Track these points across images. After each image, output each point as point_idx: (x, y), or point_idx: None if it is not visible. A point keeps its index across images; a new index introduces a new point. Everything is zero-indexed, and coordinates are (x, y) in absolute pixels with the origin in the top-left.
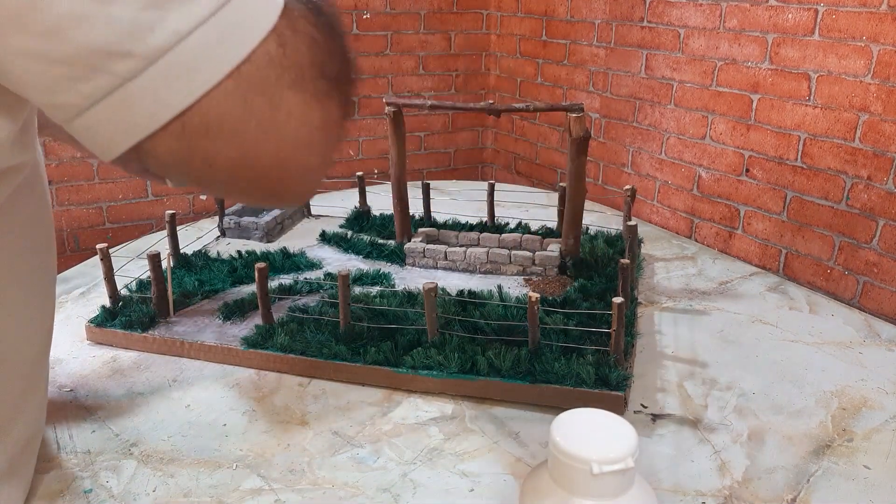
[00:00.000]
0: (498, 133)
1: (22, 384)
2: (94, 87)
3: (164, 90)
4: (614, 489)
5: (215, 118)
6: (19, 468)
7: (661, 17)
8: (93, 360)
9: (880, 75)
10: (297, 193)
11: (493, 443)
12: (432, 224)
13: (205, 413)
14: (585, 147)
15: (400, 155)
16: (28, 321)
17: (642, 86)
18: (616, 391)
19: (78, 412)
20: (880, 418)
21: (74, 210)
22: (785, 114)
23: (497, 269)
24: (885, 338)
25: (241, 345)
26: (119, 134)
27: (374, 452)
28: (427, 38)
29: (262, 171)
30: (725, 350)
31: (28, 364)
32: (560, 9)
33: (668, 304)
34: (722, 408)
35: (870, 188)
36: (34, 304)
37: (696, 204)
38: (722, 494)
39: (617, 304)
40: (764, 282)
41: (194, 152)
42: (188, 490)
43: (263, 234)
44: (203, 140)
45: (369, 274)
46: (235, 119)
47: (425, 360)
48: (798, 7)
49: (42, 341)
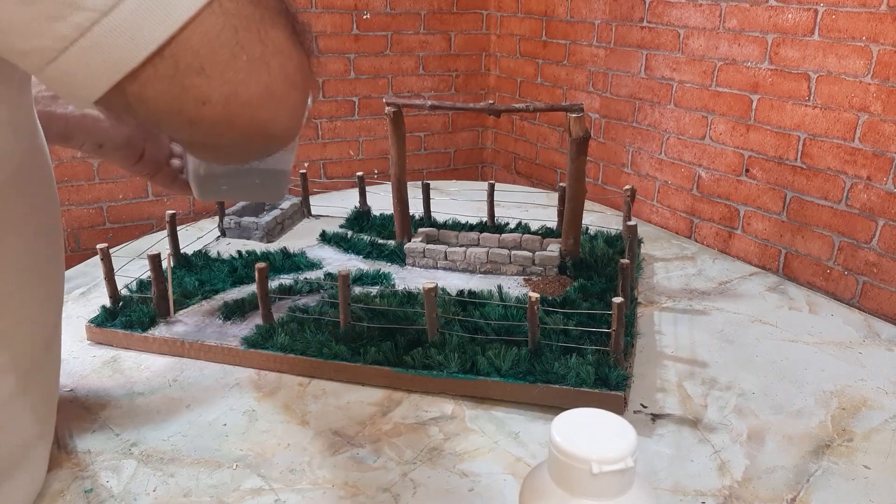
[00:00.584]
0: (498, 133)
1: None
2: (70, 27)
3: (141, 24)
4: (614, 489)
5: (208, 54)
6: (26, 461)
7: (660, 18)
8: (93, 360)
9: (880, 75)
10: (286, 131)
11: (493, 443)
12: (432, 224)
13: (205, 413)
14: (585, 147)
15: (400, 155)
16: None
17: (642, 86)
18: (616, 391)
19: (78, 412)
20: (880, 418)
21: (74, 210)
22: (785, 114)
23: (497, 269)
24: (884, 338)
25: (242, 345)
26: (97, 76)
27: (374, 452)
28: (427, 39)
29: (254, 107)
30: (725, 350)
31: (32, 354)
32: (560, 9)
33: (667, 304)
34: (722, 408)
35: (869, 188)
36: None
37: (696, 204)
38: (722, 494)
39: (617, 304)
40: (764, 282)
41: (187, 92)
42: (188, 490)
43: (263, 234)
44: (197, 78)
45: (369, 274)
46: (228, 54)
47: (425, 360)
48: (798, 7)
49: (48, 330)
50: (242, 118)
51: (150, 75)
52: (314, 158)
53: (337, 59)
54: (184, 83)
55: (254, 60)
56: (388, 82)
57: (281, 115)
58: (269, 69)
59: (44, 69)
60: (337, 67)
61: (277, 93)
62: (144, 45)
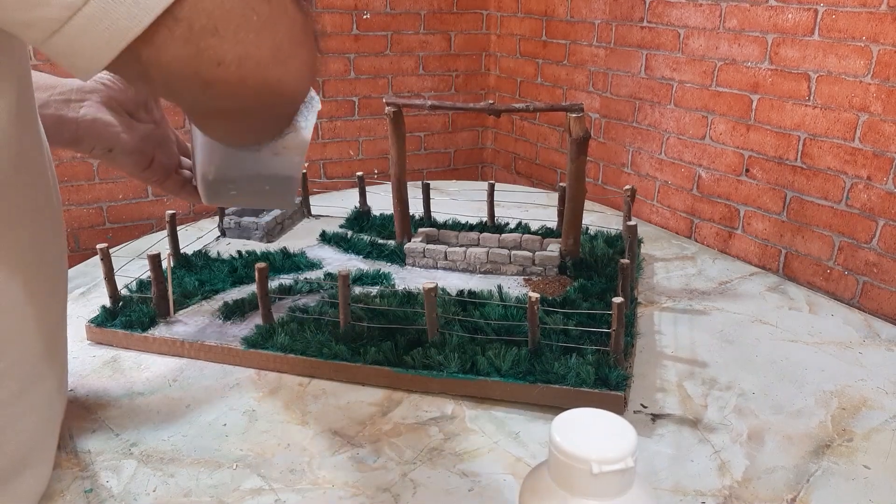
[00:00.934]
0: (498, 133)
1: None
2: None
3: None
4: (614, 489)
5: (221, 15)
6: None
7: (660, 18)
8: (93, 360)
9: (880, 75)
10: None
11: (493, 443)
12: (432, 224)
13: (205, 413)
14: (585, 147)
15: (400, 155)
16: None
17: (642, 86)
18: (616, 391)
19: (78, 412)
20: (880, 418)
21: (74, 210)
22: (785, 114)
23: (497, 269)
24: (884, 338)
25: (242, 345)
26: (103, 44)
27: (374, 452)
28: (427, 39)
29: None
30: (725, 350)
31: (36, 352)
32: (560, 9)
33: (667, 304)
34: (722, 408)
35: (870, 188)
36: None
37: (696, 204)
38: (722, 494)
39: (617, 304)
40: (764, 282)
41: (202, 54)
42: (188, 490)
43: (263, 234)
44: (212, 38)
45: (369, 274)
46: (240, 15)
47: (425, 360)
48: (798, 7)
49: (52, 327)
50: (255, 78)
51: (167, 38)
52: (314, 158)
53: (337, 59)
54: (199, 45)
55: (263, 21)
56: (388, 82)
57: (290, 73)
58: (277, 29)
59: (48, 40)
60: (337, 67)
61: (285, 52)
62: (150, 10)
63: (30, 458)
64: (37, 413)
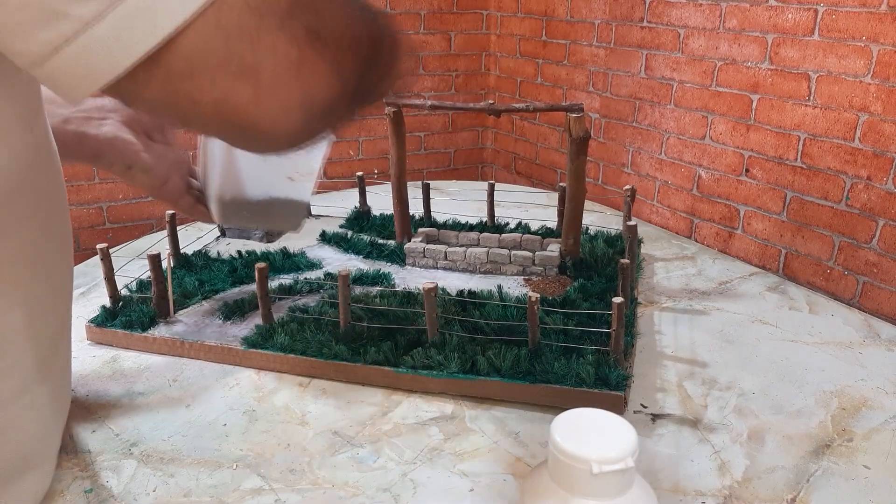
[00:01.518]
0: (498, 133)
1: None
2: (56, 34)
3: (124, 35)
4: (614, 489)
5: (199, 61)
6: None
7: (660, 18)
8: (93, 360)
9: (880, 75)
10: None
11: (493, 443)
12: (432, 224)
13: (205, 413)
14: (585, 147)
15: (400, 155)
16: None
17: (642, 86)
18: (616, 391)
19: (78, 412)
20: (880, 418)
21: (74, 210)
22: (785, 114)
23: (497, 269)
24: (884, 338)
25: (241, 345)
26: (86, 79)
27: (374, 452)
28: (427, 38)
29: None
30: (725, 350)
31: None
32: (560, 9)
33: (667, 304)
34: (722, 408)
35: (870, 188)
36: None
37: (696, 204)
38: (722, 494)
39: (617, 304)
40: (764, 282)
41: (179, 94)
42: (188, 490)
43: (263, 234)
44: (188, 82)
45: (369, 274)
46: (218, 61)
47: (425, 360)
48: (798, 7)
49: (57, 326)
50: (232, 118)
51: (146, 78)
52: None
53: None
54: (176, 86)
55: (243, 67)
56: None
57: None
58: (259, 73)
59: (35, 69)
60: None
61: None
62: (128, 55)
63: (32, 457)
64: (39, 412)
